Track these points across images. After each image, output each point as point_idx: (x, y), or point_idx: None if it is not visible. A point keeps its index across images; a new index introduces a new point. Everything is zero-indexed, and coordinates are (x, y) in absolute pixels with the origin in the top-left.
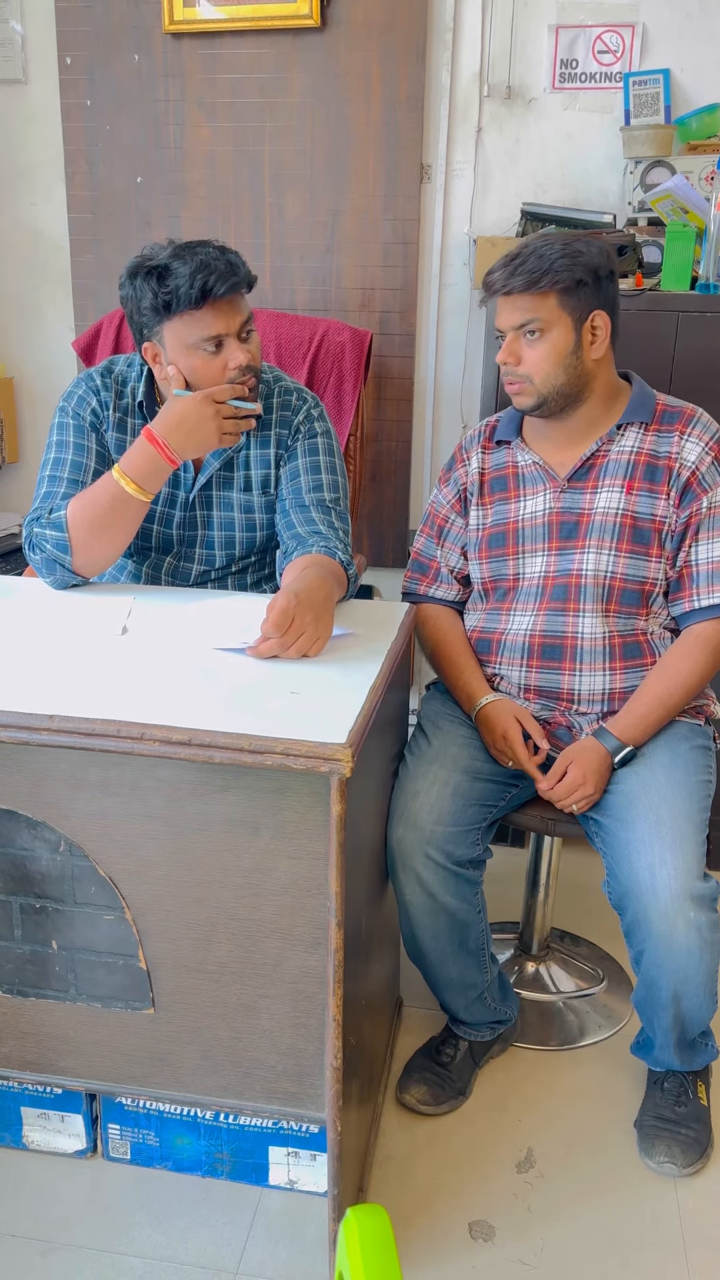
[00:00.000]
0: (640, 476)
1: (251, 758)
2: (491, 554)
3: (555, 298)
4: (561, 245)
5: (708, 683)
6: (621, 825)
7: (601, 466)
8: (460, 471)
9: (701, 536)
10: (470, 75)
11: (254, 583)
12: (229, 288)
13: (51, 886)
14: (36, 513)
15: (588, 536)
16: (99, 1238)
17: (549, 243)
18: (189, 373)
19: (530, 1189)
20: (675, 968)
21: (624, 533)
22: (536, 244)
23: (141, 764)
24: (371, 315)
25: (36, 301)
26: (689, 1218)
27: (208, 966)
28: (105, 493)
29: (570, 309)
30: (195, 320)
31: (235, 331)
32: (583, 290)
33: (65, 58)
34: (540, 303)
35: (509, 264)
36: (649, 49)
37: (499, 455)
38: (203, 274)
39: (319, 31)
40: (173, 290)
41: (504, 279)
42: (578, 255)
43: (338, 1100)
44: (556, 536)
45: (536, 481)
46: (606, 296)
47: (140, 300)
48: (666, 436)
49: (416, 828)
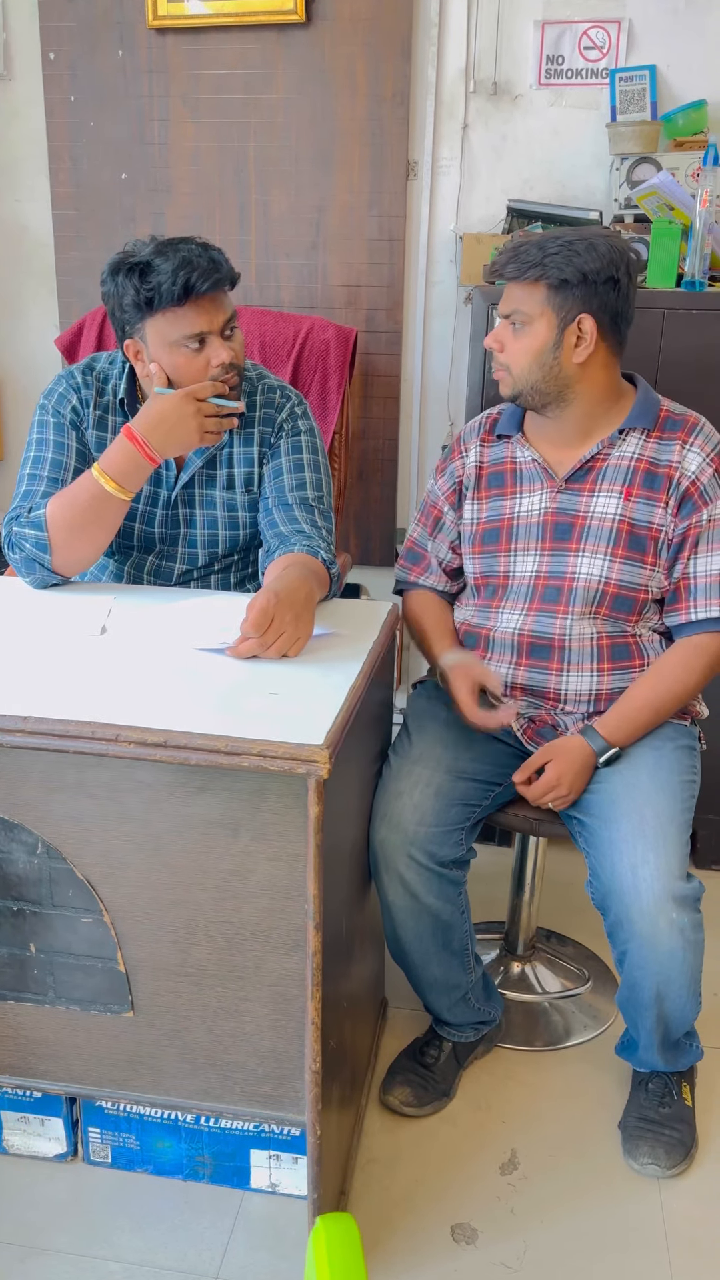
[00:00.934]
0: (639, 483)
1: (228, 759)
2: (484, 549)
3: (543, 292)
4: (566, 242)
5: (699, 693)
6: (604, 825)
7: (601, 470)
8: (457, 463)
9: (700, 549)
10: (456, 71)
11: (237, 582)
12: (211, 285)
13: (29, 889)
14: (15, 511)
15: (583, 540)
16: (79, 1242)
17: (558, 236)
18: (171, 370)
19: (514, 1191)
20: (658, 968)
21: (620, 539)
22: (546, 236)
23: (119, 765)
24: (358, 313)
25: (20, 298)
26: (672, 1220)
27: (187, 969)
28: (85, 491)
29: (556, 307)
30: (177, 317)
31: (218, 329)
32: (569, 290)
33: (48, 53)
34: (528, 294)
35: (511, 250)
36: (635, 45)
37: (498, 449)
38: (185, 270)
39: (304, 27)
40: (155, 287)
41: (501, 263)
42: (574, 255)
43: (317, 1103)
44: (551, 537)
45: (534, 479)
46: (602, 303)
47: (122, 297)
48: (668, 444)
49: (399, 828)
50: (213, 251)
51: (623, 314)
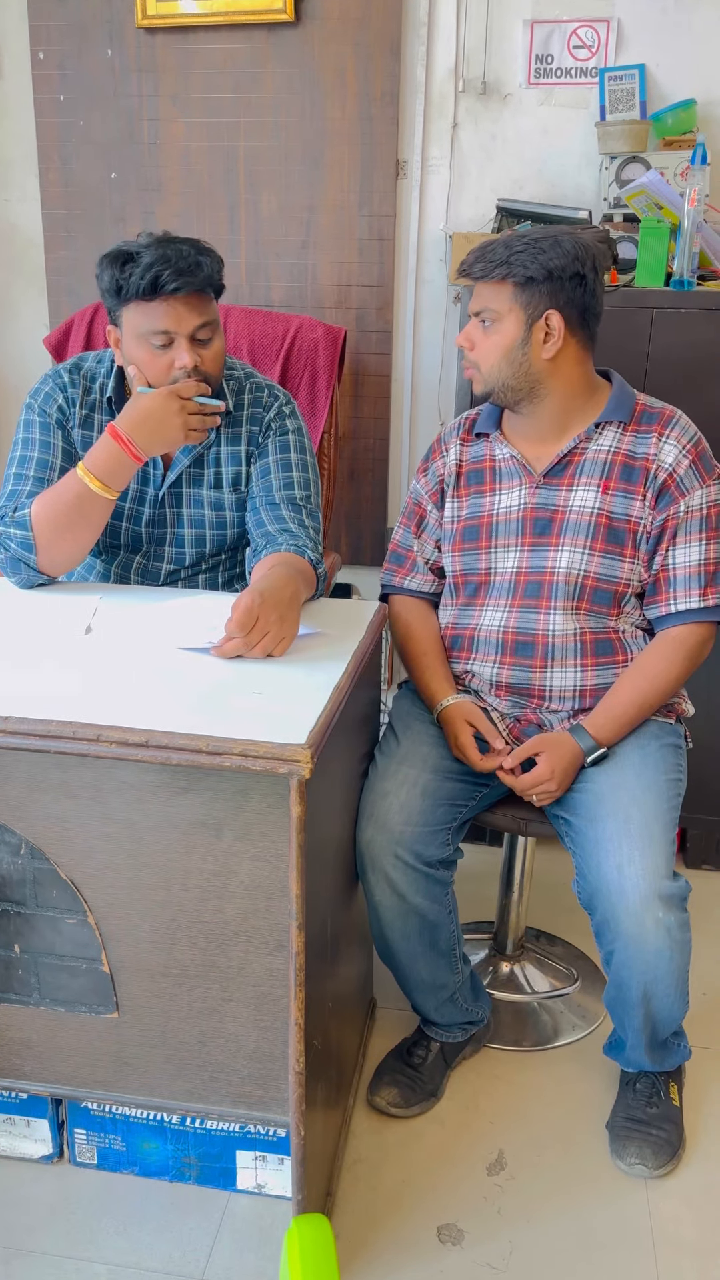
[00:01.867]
0: (617, 476)
1: (209, 759)
2: (465, 547)
3: (510, 290)
4: (531, 240)
5: (682, 685)
6: (590, 824)
7: (578, 464)
8: (438, 463)
9: (679, 540)
10: (445, 70)
11: (225, 581)
12: (180, 285)
13: (13, 890)
14: (1, 511)
15: (562, 534)
16: (64, 1244)
17: (524, 235)
18: (136, 363)
19: (501, 1191)
20: (645, 968)
21: (599, 532)
22: (514, 235)
23: (102, 765)
24: (348, 312)
25: (10, 297)
26: (659, 1220)
27: (171, 970)
28: (70, 491)
29: (523, 304)
30: (146, 311)
31: (188, 331)
32: (535, 287)
33: (38, 52)
34: (496, 293)
35: (479, 249)
36: (624, 44)
37: (477, 448)
38: (159, 266)
39: (293, 26)
40: (126, 277)
41: (469, 263)
42: (540, 252)
43: (301, 1104)
44: (531, 532)
45: (513, 476)
46: (569, 298)
47: (102, 281)
48: (645, 437)
49: (385, 828)
50: (203, 255)
51: (591, 309)
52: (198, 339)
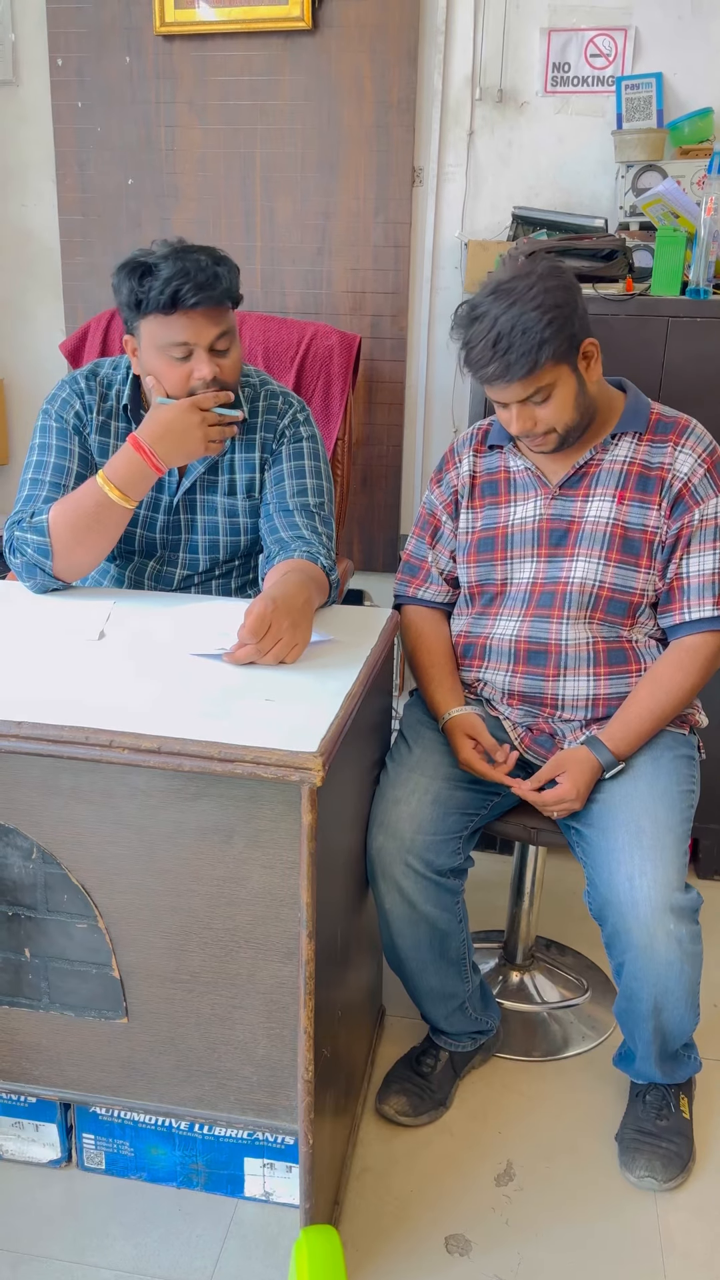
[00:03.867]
0: (632, 486)
1: (221, 766)
2: (480, 558)
3: (551, 362)
4: (534, 308)
5: (697, 695)
6: (602, 835)
7: (594, 475)
8: (451, 474)
9: (693, 549)
10: (462, 78)
11: (238, 587)
12: (200, 300)
13: (24, 894)
14: (18, 516)
15: (577, 545)
16: (72, 1249)
17: (523, 312)
18: (155, 374)
19: (509, 1202)
20: (655, 979)
21: (614, 542)
22: (510, 318)
23: (113, 771)
24: (362, 319)
25: (26, 303)
26: (668, 1232)
27: (181, 976)
28: (89, 498)
29: (565, 359)
30: (165, 324)
31: (206, 343)
32: (565, 341)
33: (56, 59)
34: (541, 374)
35: (494, 350)
36: (641, 53)
37: (491, 459)
38: (178, 280)
39: (310, 34)
40: (145, 291)
41: (501, 370)
42: (556, 311)
43: (310, 1112)
44: (546, 543)
45: (528, 487)
46: (580, 323)
47: (120, 294)
48: (660, 447)
49: (396, 836)
50: (221, 267)
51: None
52: (216, 349)
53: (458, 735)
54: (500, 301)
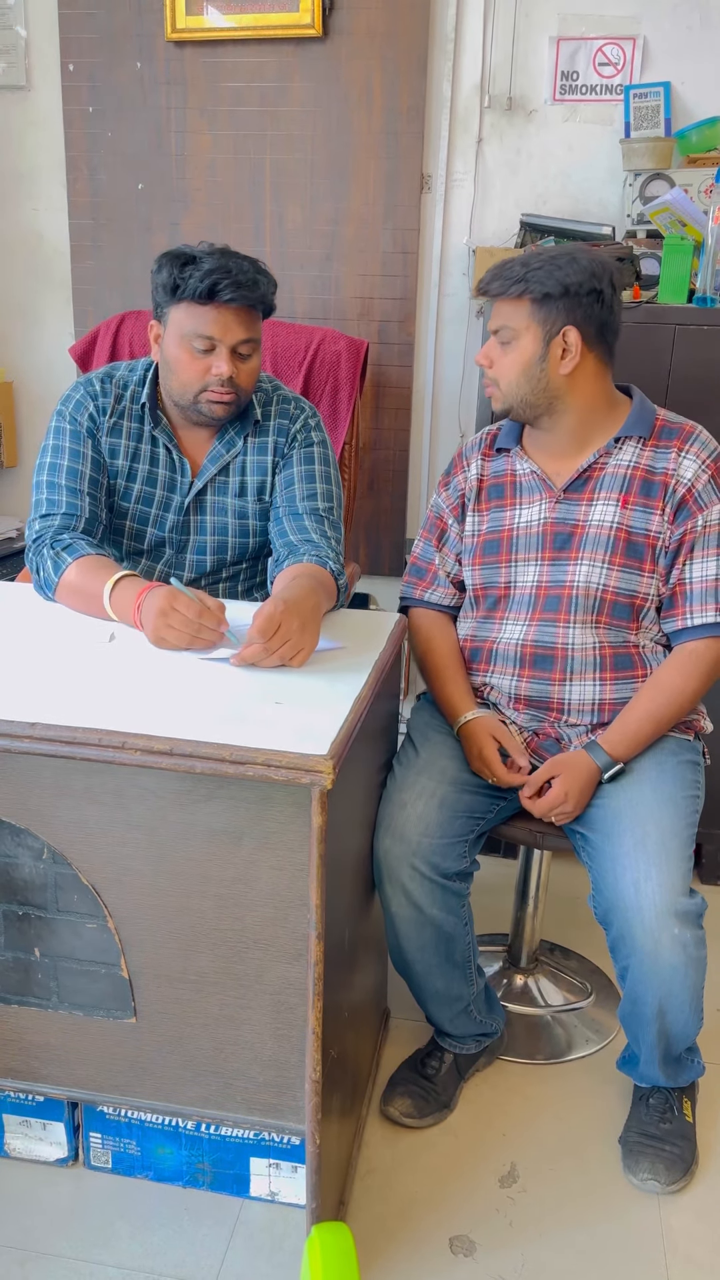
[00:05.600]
0: (636, 491)
1: (233, 768)
2: (485, 561)
3: (527, 307)
4: (549, 257)
5: (699, 700)
6: (607, 840)
7: (598, 479)
8: (459, 477)
9: (696, 554)
10: (471, 86)
11: (245, 590)
12: (235, 296)
13: (34, 894)
14: (39, 532)
15: (581, 548)
16: (78, 1247)
17: (542, 253)
18: (173, 362)
19: (513, 1204)
20: (659, 984)
21: (618, 546)
22: (531, 254)
23: (125, 773)
24: (371, 324)
25: (36, 306)
26: (671, 1235)
27: (189, 976)
28: (96, 600)
29: (540, 320)
30: (195, 314)
31: (231, 343)
32: (552, 304)
33: (68, 64)
34: (514, 310)
35: (497, 268)
36: (650, 62)
37: (498, 463)
38: (219, 275)
39: (321, 41)
40: (185, 277)
41: (487, 281)
42: (557, 268)
43: (317, 1113)
44: (550, 547)
45: (533, 490)
46: (587, 314)
47: (159, 276)
48: (664, 452)
49: (403, 839)
50: (262, 276)
51: (608, 325)
52: (239, 353)
53: (482, 736)
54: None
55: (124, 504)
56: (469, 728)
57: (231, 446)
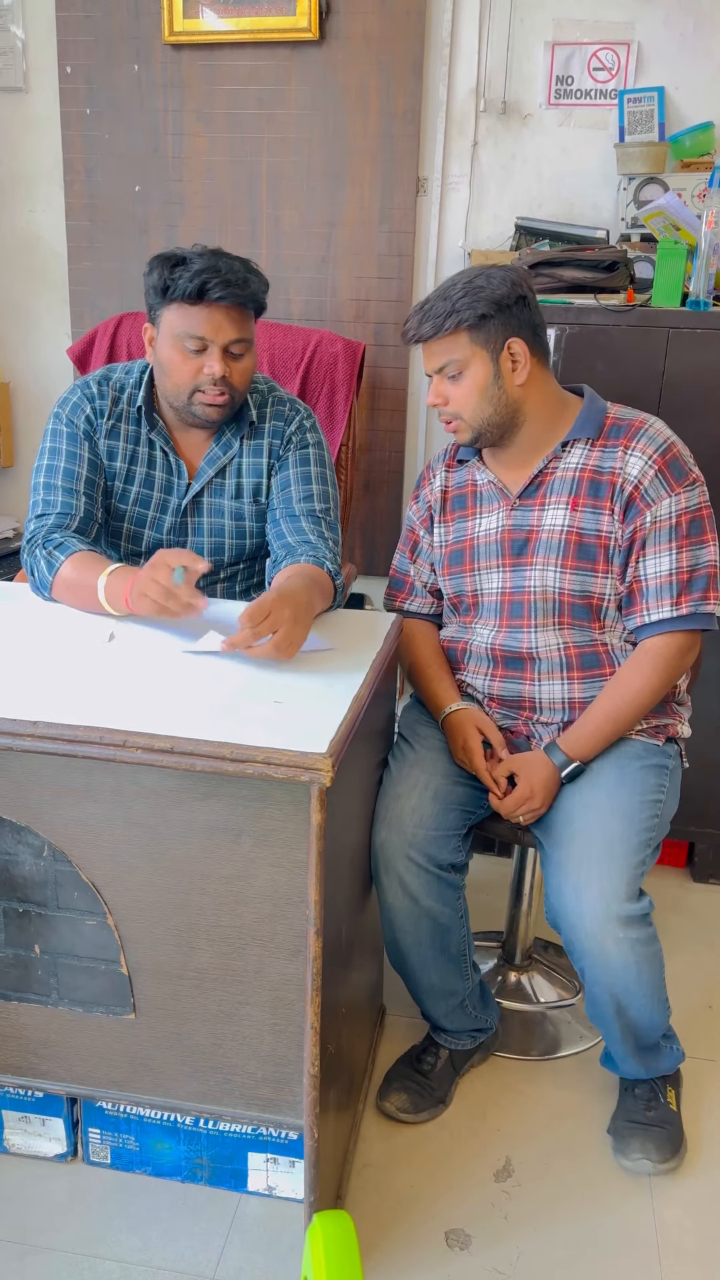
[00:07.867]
0: (584, 493)
1: (233, 766)
2: (452, 570)
3: (465, 336)
4: (464, 284)
5: (660, 697)
6: (556, 846)
7: (549, 484)
8: (426, 490)
9: (648, 551)
10: (466, 90)
11: (242, 591)
12: (224, 295)
13: (34, 891)
14: (34, 532)
15: (536, 553)
16: (77, 1241)
17: (453, 284)
18: (166, 363)
19: (508, 1198)
20: (611, 983)
21: (569, 549)
22: (444, 287)
23: (125, 770)
24: (366, 326)
25: (33, 307)
26: (663, 1228)
27: (188, 973)
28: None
29: (483, 343)
30: (186, 314)
31: (223, 343)
32: (489, 323)
33: (65, 67)
34: (452, 344)
35: (419, 312)
36: (644, 67)
37: (460, 474)
38: (208, 274)
39: (317, 45)
40: (175, 278)
41: (415, 327)
42: (479, 290)
43: (315, 1107)
44: (509, 553)
45: (492, 499)
46: (521, 322)
47: (150, 279)
48: (611, 451)
49: (399, 830)
50: (252, 275)
51: (540, 326)
52: (231, 352)
53: (466, 727)
54: (448, 282)
55: (121, 506)
56: (453, 719)
57: (228, 449)
